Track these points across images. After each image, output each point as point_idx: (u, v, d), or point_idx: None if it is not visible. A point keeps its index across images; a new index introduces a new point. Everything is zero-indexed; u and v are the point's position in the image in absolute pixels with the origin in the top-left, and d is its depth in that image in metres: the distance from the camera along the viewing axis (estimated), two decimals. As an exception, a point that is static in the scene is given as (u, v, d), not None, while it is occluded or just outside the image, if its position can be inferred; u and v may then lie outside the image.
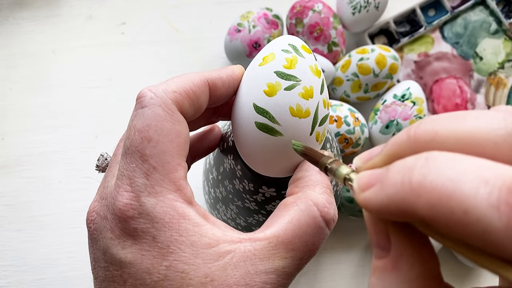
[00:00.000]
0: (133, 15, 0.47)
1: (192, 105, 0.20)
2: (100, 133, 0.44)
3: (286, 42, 0.22)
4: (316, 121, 0.21)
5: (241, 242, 0.18)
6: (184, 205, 0.18)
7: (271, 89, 0.21)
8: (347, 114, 0.38)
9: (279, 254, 0.18)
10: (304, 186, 0.20)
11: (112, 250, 0.18)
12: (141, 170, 0.18)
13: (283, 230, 0.19)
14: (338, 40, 0.42)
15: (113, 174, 0.21)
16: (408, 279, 0.13)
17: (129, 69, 0.46)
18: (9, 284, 0.40)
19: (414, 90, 0.40)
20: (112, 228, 0.18)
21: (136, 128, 0.19)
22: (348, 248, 0.41)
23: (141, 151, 0.18)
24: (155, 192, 0.18)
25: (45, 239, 0.41)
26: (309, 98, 0.21)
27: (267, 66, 0.21)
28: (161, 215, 0.18)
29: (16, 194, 0.42)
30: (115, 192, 0.18)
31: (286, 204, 0.20)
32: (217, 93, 0.22)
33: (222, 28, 0.45)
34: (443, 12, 0.45)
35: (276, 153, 0.22)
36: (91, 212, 0.20)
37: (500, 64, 0.45)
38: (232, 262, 0.18)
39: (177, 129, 0.19)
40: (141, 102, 0.19)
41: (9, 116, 0.44)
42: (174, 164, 0.19)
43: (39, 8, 0.47)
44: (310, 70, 0.21)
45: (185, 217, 0.18)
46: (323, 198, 0.20)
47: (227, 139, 0.27)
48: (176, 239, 0.17)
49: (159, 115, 0.19)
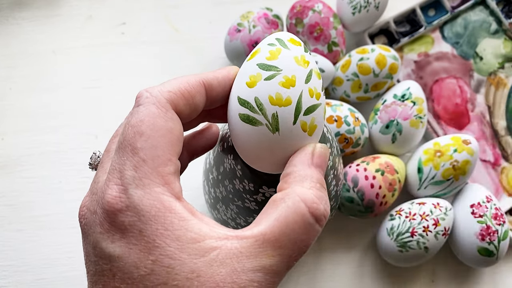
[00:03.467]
0: (133, 15, 0.47)
1: (187, 104, 0.21)
2: (100, 133, 0.44)
3: (274, 37, 0.22)
4: (300, 109, 0.21)
5: (228, 239, 0.18)
6: (171, 199, 0.18)
7: (252, 80, 0.21)
8: (347, 114, 0.38)
9: (266, 253, 0.18)
10: (292, 182, 0.20)
11: (102, 244, 0.18)
12: (131, 163, 0.18)
13: (270, 227, 0.18)
14: (338, 40, 0.42)
15: (104, 169, 0.21)
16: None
17: (129, 69, 0.46)
18: (9, 284, 0.40)
19: (414, 90, 0.40)
20: (101, 222, 0.18)
21: (130, 123, 0.19)
22: (348, 248, 0.41)
23: (133, 145, 0.19)
24: (142, 184, 0.18)
25: (45, 239, 0.41)
26: (290, 86, 0.21)
27: (252, 60, 0.22)
28: (148, 208, 0.18)
29: (16, 194, 0.42)
30: (105, 186, 0.19)
31: (275, 201, 0.20)
32: (213, 93, 0.22)
33: (222, 28, 0.45)
34: (443, 12, 0.45)
35: (262, 144, 0.21)
36: (82, 207, 0.20)
37: (500, 64, 0.45)
38: (218, 258, 0.17)
39: (170, 126, 0.19)
40: (138, 102, 0.20)
41: (9, 116, 0.44)
42: (164, 158, 0.19)
43: (39, 8, 0.47)
44: (294, 60, 0.21)
45: (171, 211, 0.18)
46: (311, 193, 0.19)
47: (227, 139, 0.27)
48: (162, 233, 0.17)
49: (152, 112, 0.19)
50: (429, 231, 0.36)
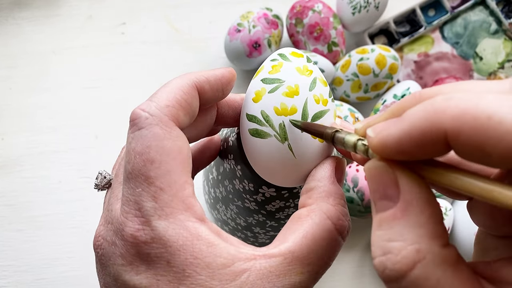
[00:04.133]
0: (133, 15, 0.47)
1: (187, 114, 0.20)
2: (100, 133, 0.44)
3: (277, 53, 0.23)
4: (306, 116, 0.21)
5: (256, 259, 0.18)
6: (196, 224, 0.18)
7: (258, 95, 0.22)
8: (347, 114, 0.38)
9: (295, 270, 0.18)
10: (317, 198, 0.20)
11: (125, 277, 0.18)
12: (148, 194, 0.18)
13: (298, 245, 0.18)
14: (338, 40, 0.42)
15: (116, 196, 0.20)
16: (418, 223, 0.14)
17: (129, 69, 0.46)
18: (9, 284, 0.40)
19: (414, 90, 0.40)
20: (123, 254, 0.18)
21: (136, 151, 0.18)
22: (348, 248, 0.41)
23: (145, 174, 0.18)
24: (165, 214, 0.17)
25: (45, 239, 0.41)
26: (294, 95, 0.21)
27: (256, 77, 0.22)
28: (174, 238, 0.17)
29: (16, 194, 0.42)
30: (122, 218, 0.18)
31: (300, 217, 0.20)
32: (205, 96, 0.21)
33: (222, 28, 0.45)
34: (443, 12, 0.45)
35: (273, 155, 0.22)
36: (98, 237, 0.20)
37: (500, 64, 0.45)
38: (249, 280, 0.17)
39: (179, 145, 0.19)
40: (137, 124, 0.19)
41: (9, 116, 0.44)
42: (181, 182, 0.18)
43: (38, 8, 0.47)
44: (297, 71, 0.22)
45: (199, 238, 0.18)
46: (337, 210, 0.20)
47: (227, 139, 0.27)
48: (192, 262, 0.17)
49: (158, 134, 0.18)
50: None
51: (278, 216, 0.27)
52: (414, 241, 0.13)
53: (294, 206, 0.26)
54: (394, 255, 0.14)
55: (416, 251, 0.13)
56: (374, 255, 0.14)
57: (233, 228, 0.31)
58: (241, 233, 0.31)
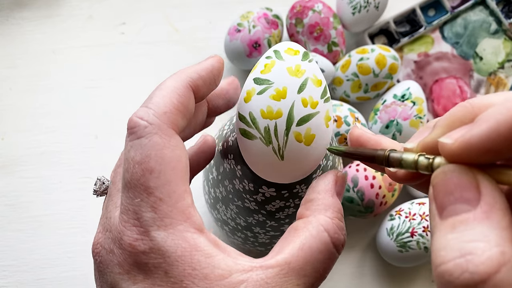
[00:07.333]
0: (133, 15, 0.47)
1: (184, 117, 0.20)
2: (100, 133, 0.44)
3: (272, 49, 0.23)
4: (292, 121, 0.21)
5: (253, 270, 0.18)
6: (195, 235, 0.18)
7: (248, 95, 0.22)
8: (347, 114, 0.38)
9: (291, 281, 0.18)
10: (315, 210, 0.20)
11: (122, 286, 0.18)
12: (147, 204, 0.18)
13: (294, 256, 0.19)
14: (338, 40, 0.42)
15: (114, 203, 0.20)
16: (502, 226, 0.13)
17: (129, 69, 0.46)
18: (9, 284, 0.40)
19: (414, 90, 0.40)
20: (121, 263, 0.18)
21: (135, 160, 0.18)
22: (348, 248, 0.41)
23: (145, 184, 0.18)
24: (164, 224, 0.18)
25: (45, 239, 0.41)
26: (281, 99, 0.21)
27: (250, 75, 0.22)
28: (173, 248, 0.17)
29: (16, 194, 0.42)
30: (121, 227, 0.18)
31: (297, 229, 0.20)
32: (200, 93, 0.21)
33: (222, 28, 0.45)
34: (443, 12, 0.45)
35: (261, 156, 0.22)
36: (96, 244, 0.20)
37: (500, 64, 0.45)
38: None
39: (178, 154, 0.19)
40: (136, 133, 0.18)
41: (9, 116, 0.44)
42: (180, 192, 0.18)
43: (39, 8, 0.47)
44: (287, 72, 0.21)
45: (197, 249, 0.18)
46: (334, 223, 0.20)
47: (227, 139, 0.27)
48: (190, 273, 0.17)
49: (157, 143, 0.18)
50: (429, 231, 0.36)
51: (278, 216, 0.27)
52: (498, 243, 0.13)
53: (294, 206, 0.26)
54: (477, 256, 0.13)
55: (501, 253, 0.13)
56: (447, 259, 0.13)
57: (233, 228, 0.31)
58: (241, 233, 0.31)
